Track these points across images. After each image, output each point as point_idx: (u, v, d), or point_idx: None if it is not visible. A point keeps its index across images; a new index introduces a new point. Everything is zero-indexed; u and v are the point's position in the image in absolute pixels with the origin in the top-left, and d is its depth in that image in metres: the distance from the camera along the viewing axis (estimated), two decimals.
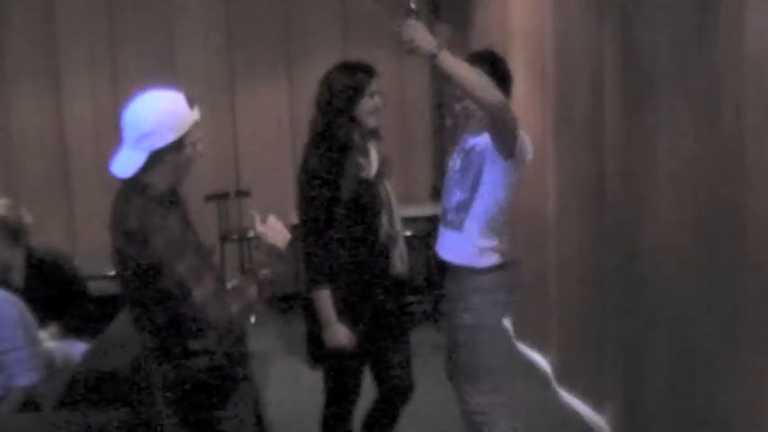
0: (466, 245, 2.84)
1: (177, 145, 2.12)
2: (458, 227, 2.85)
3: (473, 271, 2.84)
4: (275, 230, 2.29)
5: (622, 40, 3.24)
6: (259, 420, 2.51)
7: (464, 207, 2.83)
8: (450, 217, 2.90)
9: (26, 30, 6.21)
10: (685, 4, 2.71)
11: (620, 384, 3.45)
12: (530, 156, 2.85)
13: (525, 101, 4.43)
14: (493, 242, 2.84)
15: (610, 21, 3.36)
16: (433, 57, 2.54)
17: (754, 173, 2.32)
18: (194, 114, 2.16)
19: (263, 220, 2.31)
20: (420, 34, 2.55)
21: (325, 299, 2.75)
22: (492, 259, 2.84)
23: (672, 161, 2.87)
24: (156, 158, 2.11)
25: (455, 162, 2.95)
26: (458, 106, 2.91)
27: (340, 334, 2.76)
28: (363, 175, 2.80)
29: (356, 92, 2.76)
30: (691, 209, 2.75)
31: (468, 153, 2.87)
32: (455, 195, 2.87)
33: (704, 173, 2.64)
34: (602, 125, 3.47)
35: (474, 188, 2.81)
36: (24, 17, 6.21)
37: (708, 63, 2.57)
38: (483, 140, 2.81)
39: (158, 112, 2.10)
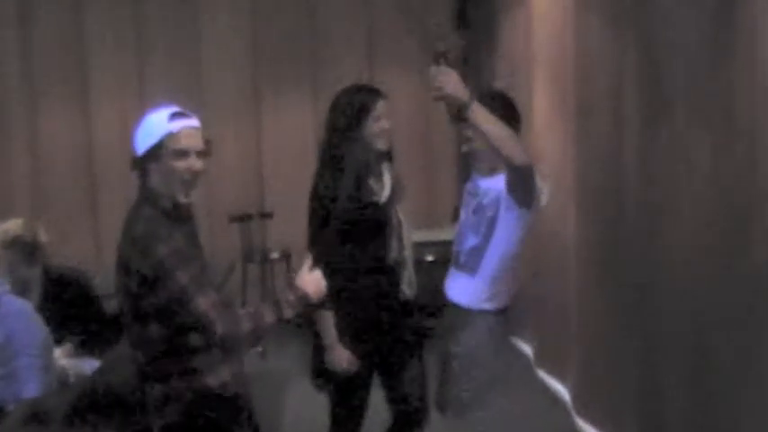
0: (477, 289, 2.78)
1: (153, 154, 2.20)
2: (471, 271, 2.79)
3: (480, 313, 2.79)
4: (314, 282, 2.31)
5: (641, 59, 3.22)
6: None
7: (478, 252, 2.76)
8: (463, 260, 2.83)
9: (54, 49, 6.31)
10: (702, 24, 2.69)
11: (640, 415, 3.37)
12: (545, 202, 2.78)
13: (546, 118, 4.41)
14: (504, 287, 2.80)
15: (629, 40, 3.34)
16: (465, 108, 2.42)
17: None
18: (171, 126, 2.20)
19: (311, 268, 2.34)
20: (452, 82, 2.42)
21: (327, 320, 2.71)
22: (501, 303, 2.81)
23: (690, 178, 2.82)
24: (141, 168, 2.25)
25: (468, 205, 2.88)
26: (465, 147, 2.86)
27: (341, 356, 2.73)
28: (374, 198, 2.77)
29: (360, 112, 2.72)
30: (709, 228, 2.69)
31: (481, 198, 2.81)
32: (469, 239, 2.81)
33: (722, 189, 2.59)
34: (622, 143, 3.43)
35: (488, 234, 2.74)
36: (52, 36, 6.31)
37: (724, 80, 2.55)
38: (496, 185, 2.74)
39: (139, 127, 2.26)
